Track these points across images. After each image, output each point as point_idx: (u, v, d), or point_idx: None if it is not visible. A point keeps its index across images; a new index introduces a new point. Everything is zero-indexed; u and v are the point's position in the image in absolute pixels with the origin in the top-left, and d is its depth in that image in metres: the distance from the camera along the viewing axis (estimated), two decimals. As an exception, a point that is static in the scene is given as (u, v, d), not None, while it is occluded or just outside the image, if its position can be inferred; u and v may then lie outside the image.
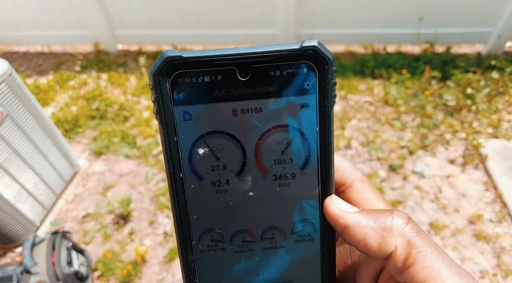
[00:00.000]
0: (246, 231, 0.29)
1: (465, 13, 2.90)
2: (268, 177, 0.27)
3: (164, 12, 3.28)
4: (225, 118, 0.26)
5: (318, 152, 0.27)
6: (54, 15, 3.41)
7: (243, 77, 0.25)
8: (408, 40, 3.09)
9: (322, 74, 0.25)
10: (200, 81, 0.25)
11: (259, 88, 0.25)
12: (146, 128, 2.55)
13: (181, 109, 0.25)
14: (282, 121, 0.26)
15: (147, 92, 2.92)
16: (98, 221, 1.96)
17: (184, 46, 3.53)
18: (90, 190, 2.15)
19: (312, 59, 0.25)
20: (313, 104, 0.26)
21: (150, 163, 2.28)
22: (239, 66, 0.25)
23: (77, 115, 2.67)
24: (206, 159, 0.26)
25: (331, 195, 0.28)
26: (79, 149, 2.46)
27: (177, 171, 0.26)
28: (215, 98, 0.25)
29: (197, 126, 0.26)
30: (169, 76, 0.24)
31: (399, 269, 0.24)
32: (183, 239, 0.28)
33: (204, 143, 0.26)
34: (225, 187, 0.27)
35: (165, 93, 0.25)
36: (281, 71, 0.25)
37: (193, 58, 0.24)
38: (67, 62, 3.50)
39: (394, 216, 0.25)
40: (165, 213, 1.98)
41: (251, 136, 0.26)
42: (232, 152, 0.27)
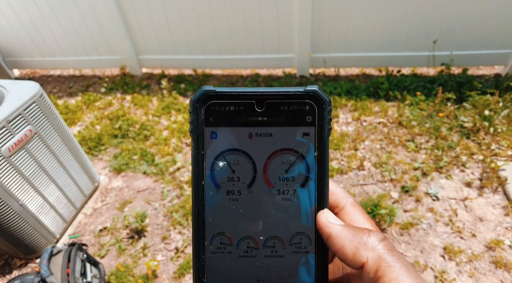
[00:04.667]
0: (251, 237, 0.33)
1: (482, 35, 2.89)
2: (273, 191, 0.33)
3: (186, 38, 3.47)
4: (242, 140, 0.32)
5: (316, 173, 0.32)
6: (86, 41, 3.70)
7: (259, 109, 0.32)
8: (423, 63, 3.10)
9: (320, 111, 0.32)
10: (226, 109, 0.32)
11: (271, 118, 0.32)
12: (165, 147, 2.65)
13: (209, 130, 0.32)
14: (288, 146, 0.32)
15: (167, 113, 3.06)
16: (114, 235, 2.04)
17: (204, 70, 3.70)
18: (108, 205, 2.25)
19: (313, 99, 0.32)
20: (312, 134, 0.32)
21: (166, 180, 2.36)
22: (257, 101, 0.32)
23: (101, 133, 2.83)
24: (224, 171, 0.32)
25: (324, 209, 0.33)
26: (101, 165, 2.59)
27: (200, 178, 0.32)
28: (236, 123, 0.32)
29: (220, 144, 0.32)
30: (204, 104, 0.32)
31: (371, 279, 0.27)
32: (198, 239, 0.33)
33: (223, 158, 0.32)
34: (237, 196, 0.33)
35: (199, 116, 0.32)
36: (288, 107, 0.32)
37: (224, 93, 0.32)
38: (95, 84, 3.73)
39: (371, 234, 0.29)
40: (178, 229, 2.03)
41: (262, 155, 0.32)
42: (245, 167, 0.32)
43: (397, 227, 1.87)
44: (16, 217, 1.67)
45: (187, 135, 2.74)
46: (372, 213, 1.89)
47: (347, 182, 2.18)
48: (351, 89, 3.01)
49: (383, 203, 1.91)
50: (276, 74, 3.50)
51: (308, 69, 3.38)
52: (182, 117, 2.95)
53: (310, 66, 3.36)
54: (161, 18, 3.36)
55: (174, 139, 2.73)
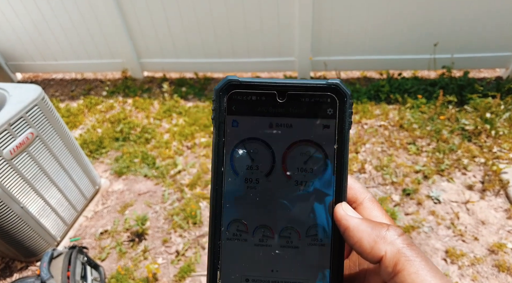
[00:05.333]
0: (267, 226, 0.33)
1: (483, 38, 2.89)
2: (291, 182, 0.33)
3: (187, 42, 3.49)
4: (262, 129, 0.32)
5: (335, 165, 0.32)
6: (88, 45, 3.72)
7: (280, 100, 0.32)
8: (424, 66, 3.10)
9: (341, 104, 0.32)
10: (248, 99, 0.32)
11: (291, 109, 0.32)
12: (166, 150, 2.66)
13: (231, 118, 0.33)
14: (307, 137, 0.32)
15: (168, 116, 3.07)
16: (115, 238, 2.03)
17: (205, 73, 3.71)
18: (109, 208, 2.25)
19: (334, 92, 0.32)
20: (333, 126, 0.32)
21: (167, 183, 2.36)
22: (278, 92, 0.32)
23: (102, 136, 2.84)
24: (243, 159, 0.33)
25: (342, 202, 0.32)
26: (102, 168, 2.59)
27: (220, 165, 0.33)
28: (257, 113, 0.32)
29: (240, 132, 0.33)
30: (227, 93, 0.32)
31: (390, 273, 0.27)
32: (215, 224, 0.33)
33: (243, 146, 0.33)
34: (255, 185, 0.33)
35: (222, 105, 0.32)
36: (310, 99, 0.32)
37: (247, 83, 0.32)
38: (96, 88, 3.75)
39: (390, 228, 0.29)
40: (179, 232, 2.03)
41: (281, 145, 0.32)
42: (264, 156, 0.33)
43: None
44: (17, 220, 1.67)
45: (188, 138, 2.75)
46: (374, 216, 1.88)
47: (348, 185, 2.17)
48: (352, 92, 3.01)
49: (384, 206, 1.90)
50: (277, 77, 3.51)
51: (309, 72, 3.38)
52: (183, 121, 2.96)
53: (311, 69, 3.37)
54: (162, 22, 3.38)
55: (175, 142, 2.73)
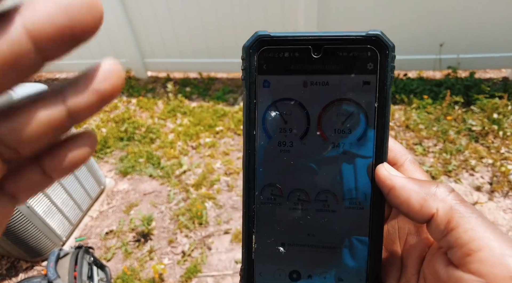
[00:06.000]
0: (302, 190, 0.32)
1: (490, 38, 2.87)
2: (327, 144, 0.31)
3: (191, 42, 3.48)
4: (296, 89, 0.30)
5: (375, 125, 0.30)
6: (91, 44, 3.71)
7: (315, 55, 0.29)
8: (429, 66, 3.08)
9: (383, 57, 0.29)
10: (280, 56, 0.30)
11: (328, 66, 0.30)
12: (170, 150, 2.65)
13: (262, 78, 0.30)
14: (345, 95, 0.30)
15: (173, 116, 3.06)
16: (120, 238, 2.02)
17: (209, 73, 3.70)
18: (114, 207, 2.24)
19: (375, 44, 0.29)
20: (373, 82, 0.29)
21: (172, 183, 2.35)
22: (314, 46, 0.29)
23: (106, 136, 2.83)
24: (276, 121, 0.31)
25: (383, 162, 0.30)
26: (107, 168, 2.58)
27: (252, 128, 0.31)
28: (290, 71, 0.30)
29: (272, 93, 0.31)
30: (257, 50, 0.30)
31: (442, 232, 0.25)
32: (248, 189, 0.32)
33: (276, 108, 0.31)
34: (289, 148, 0.31)
35: (252, 63, 0.30)
36: (348, 53, 0.29)
37: (278, 37, 0.30)
38: (100, 88, 3.74)
39: (439, 185, 0.27)
40: (184, 232, 2.02)
41: (316, 105, 0.30)
42: (298, 117, 0.31)
43: (407, 231, 1.85)
44: (23, 220, 1.67)
45: (192, 138, 2.74)
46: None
47: (354, 185, 2.16)
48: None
49: (392, 207, 1.88)
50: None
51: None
52: (187, 121, 2.95)
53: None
54: (167, 22, 3.38)
55: (180, 142, 2.72)
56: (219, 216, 2.08)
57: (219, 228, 2.02)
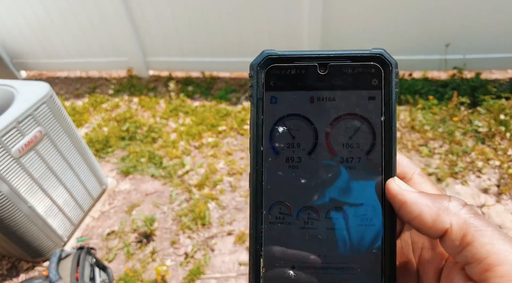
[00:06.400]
0: (312, 208, 0.31)
1: (496, 39, 2.84)
2: (336, 159, 0.31)
3: (194, 41, 3.45)
4: (303, 104, 0.31)
5: (383, 139, 0.30)
6: (93, 43, 3.69)
7: (322, 72, 0.30)
8: (435, 66, 3.05)
9: (387, 74, 0.30)
10: (287, 73, 0.30)
11: (334, 82, 0.30)
12: (173, 149, 2.62)
13: (269, 94, 0.31)
14: (352, 110, 0.30)
15: (175, 115, 3.03)
16: (122, 239, 2.00)
17: (211, 73, 3.67)
18: (116, 208, 2.21)
19: (379, 61, 0.30)
20: (379, 97, 0.30)
21: (174, 183, 2.32)
22: (320, 63, 0.30)
23: (108, 135, 2.80)
24: (283, 137, 0.31)
25: (394, 177, 0.30)
26: (108, 168, 2.56)
27: (259, 144, 0.31)
28: (297, 87, 0.31)
29: (280, 109, 0.31)
30: (265, 68, 0.31)
31: (457, 247, 0.24)
32: (256, 207, 0.31)
33: (283, 123, 0.31)
34: (297, 164, 0.31)
35: (259, 80, 0.31)
36: (353, 70, 0.30)
37: (286, 56, 0.31)
38: (101, 86, 3.72)
39: (452, 199, 0.26)
40: (187, 233, 1.99)
41: (324, 120, 0.31)
42: (306, 133, 0.31)
43: (413, 233, 1.82)
44: (24, 220, 1.64)
45: (195, 138, 2.71)
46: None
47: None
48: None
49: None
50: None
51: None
52: (190, 120, 2.92)
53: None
54: (169, 20, 3.35)
55: (183, 142, 2.70)
56: (222, 217, 2.06)
57: (222, 229, 1.99)
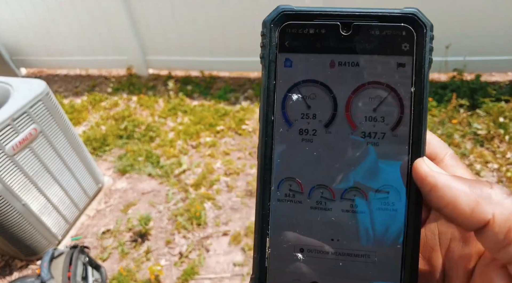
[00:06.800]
0: (326, 187, 0.27)
1: (497, 41, 2.82)
2: (356, 133, 0.27)
3: (194, 40, 3.45)
4: (322, 69, 0.27)
5: (412, 113, 0.26)
6: (93, 41, 3.68)
7: (344, 33, 0.26)
8: (435, 68, 3.03)
9: (420, 37, 0.26)
10: (305, 32, 0.27)
11: (358, 45, 0.26)
12: (170, 148, 2.61)
13: (283, 56, 0.27)
14: (378, 78, 0.26)
15: (174, 114, 3.03)
16: (117, 238, 1.99)
17: (211, 72, 3.66)
18: (112, 206, 2.21)
19: (411, 23, 0.26)
20: (409, 65, 0.26)
21: (171, 182, 2.31)
22: (343, 22, 0.26)
23: (106, 134, 2.80)
24: (297, 105, 0.27)
25: (422, 157, 0.26)
26: (105, 166, 2.55)
27: (270, 113, 0.28)
28: (315, 50, 0.27)
29: (295, 73, 0.27)
30: (279, 26, 0.27)
31: (501, 242, 0.21)
32: (264, 182, 0.28)
33: (298, 90, 0.27)
34: (312, 137, 0.27)
35: (273, 40, 0.27)
36: (381, 31, 0.26)
37: (304, 12, 0.27)
38: (101, 84, 3.72)
39: (494, 186, 0.23)
40: (182, 233, 1.98)
41: (345, 89, 0.27)
42: (323, 102, 0.27)
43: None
44: (18, 217, 1.64)
45: (193, 137, 2.70)
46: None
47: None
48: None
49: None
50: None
51: (316, 72, 3.33)
52: (188, 119, 2.91)
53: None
54: (170, 19, 3.34)
55: (180, 141, 2.69)
56: (218, 217, 2.05)
57: (217, 229, 1.98)
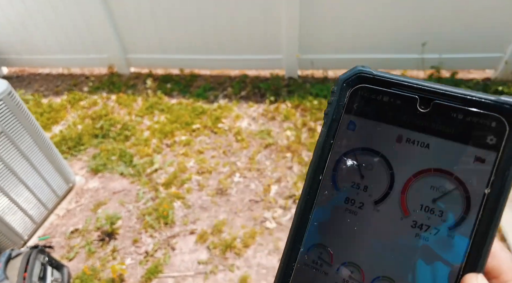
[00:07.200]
0: (358, 267, 0.25)
1: (473, 39, 2.83)
2: (407, 220, 0.24)
3: (174, 38, 3.44)
4: (387, 141, 0.25)
5: (479, 217, 0.23)
6: (74, 40, 3.66)
7: (422, 109, 0.24)
8: (412, 66, 3.04)
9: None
10: (378, 99, 0.25)
11: (434, 125, 0.24)
12: (144, 147, 2.61)
13: (348, 118, 0.26)
14: (448, 167, 0.23)
15: (151, 113, 3.02)
16: (85, 237, 1.99)
17: (192, 70, 3.66)
18: (82, 206, 2.21)
19: (506, 115, 0.22)
20: (490, 162, 0.23)
21: (143, 181, 2.32)
22: (422, 98, 0.24)
23: (81, 133, 2.79)
24: (350, 172, 0.26)
25: (478, 273, 0.22)
26: (79, 165, 2.55)
27: (319, 172, 0.26)
28: (385, 119, 0.25)
29: (356, 138, 0.26)
30: (352, 86, 0.26)
31: None
32: (294, 240, 0.27)
33: (355, 157, 0.26)
34: (357, 210, 0.25)
35: (341, 99, 0.26)
36: (465, 116, 0.23)
37: (382, 77, 0.25)
38: (81, 83, 3.70)
39: None
40: (149, 232, 1.99)
41: (407, 169, 0.24)
42: (379, 176, 0.25)
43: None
44: (-22, 218, 1.63)
45: (167, 136, 2.70)
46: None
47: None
48: (338, 92, 2.95)
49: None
50: (265, 75, 3.46)
51: (296, 70, 3.33)
52: (164, 118, 2.91)
53: (298, 67, 3.32)
54: (149, 16, 3.33)
55: (155, 140, 2.69)
56: (186, 216, 2.05)
57: (185, 228, 1.99)
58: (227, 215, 2.03)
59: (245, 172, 2.32)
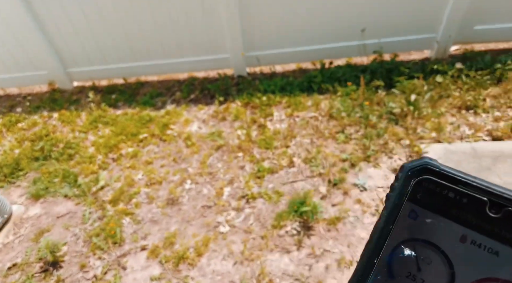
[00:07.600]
0: None
1: (407, 21, 2.92)
2: None
3: (114, 46, 3.28)
4: (450, 239, 0.24)
5: None
6: (4, 57, 3.41)
7: (491, 213, 0.23)
8: (355, 52, 3.09)
9: None
10: (443, 194, 0.24)
11: (504, 232, 0.23)
12: (90, 165, 2.47)
13: (410, 206, 0.25)
14: None
15: (95, 127, 2.87)
16: (25, 271, 1.84)
17: (138, 77, 3.52)
18: (21, 237, 2.04)
19: None
20: None
21: (88, 201, 2.18)
22: (493, 202, 0.23)
23: (19, 158, 2.60)
24: (407, 262, 0.25)
25: None
26: (18, 193, 2.36)
27: (374, 255, 0.26)
28: (450, 215, 0.24)
29: (417, 228, 0.25)
30: (417, 176, 0.25)
31: None
32: None
33: (413, 247, 0.25)
34: None
35: (405, 186, 0.25)
36: None
37: (449, 174, 0.24)
38: (20, 104, 3.46)
39: None
40: (98, 254, 1.87)
41: (469, 273, 0.23)
42: (438, 273, 0.24)
43: (325, 222, 1.82)
44: None
45: (113, 150, 2.57)
46: (298, 210, 1.82)
47: (277, 181, 2.11)
48: (286, 86, 2.95)
49: (308, 200, 1.84)
50: (214, 76, 3.39)
51: (244, 68, 3.29)
52: (109, 131, 2.77)
53: (246, 65, 3.28)
54: (83, 25, 3.15)
55: (100, 155, 2.55)
56: (136, 232, 1.95)
57: (135, 245, 1.89)
58: (179, 225, 1.96)
59: (197, 177, 2.24)
